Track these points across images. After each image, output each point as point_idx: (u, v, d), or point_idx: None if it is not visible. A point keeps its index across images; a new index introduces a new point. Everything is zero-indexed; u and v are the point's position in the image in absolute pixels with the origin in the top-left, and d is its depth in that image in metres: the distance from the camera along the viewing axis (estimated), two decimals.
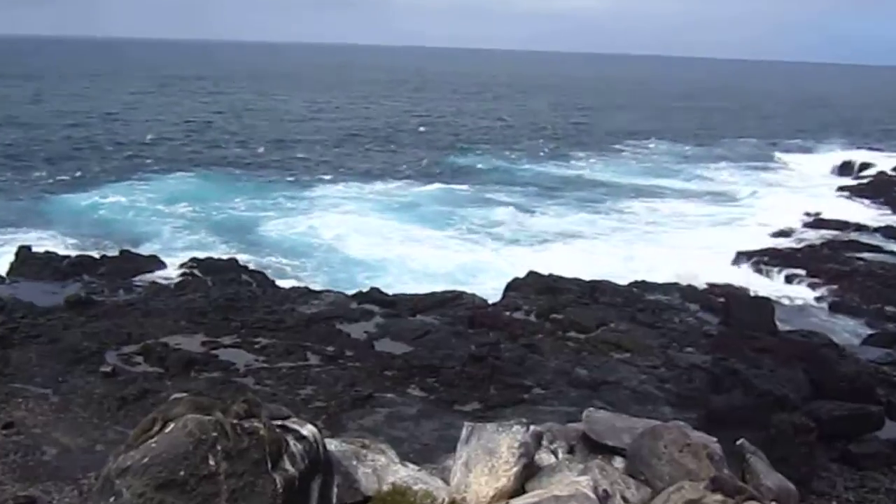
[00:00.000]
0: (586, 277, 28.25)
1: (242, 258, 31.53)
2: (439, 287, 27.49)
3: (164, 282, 27.06)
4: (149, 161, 58.82)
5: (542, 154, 71.86)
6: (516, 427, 7.96)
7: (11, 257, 28.41)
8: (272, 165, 59.94)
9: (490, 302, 25.79)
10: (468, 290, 26.99)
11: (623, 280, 28.99)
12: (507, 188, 53.88)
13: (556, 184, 56.65)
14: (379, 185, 53.11)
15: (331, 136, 77.62)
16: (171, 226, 39.76)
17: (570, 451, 8.58)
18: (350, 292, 26.04)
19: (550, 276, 27.67)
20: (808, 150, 78.76)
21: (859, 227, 42.36)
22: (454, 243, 38.53)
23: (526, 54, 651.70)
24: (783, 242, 39.16)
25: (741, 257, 35.33)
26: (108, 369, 18.29)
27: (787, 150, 78.53)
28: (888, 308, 28.91)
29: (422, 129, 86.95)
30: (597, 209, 47.93)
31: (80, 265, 28.05)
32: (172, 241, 36.70)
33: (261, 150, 67.07)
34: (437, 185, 53.71)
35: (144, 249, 32.81)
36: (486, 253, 36.81)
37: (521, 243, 39.06)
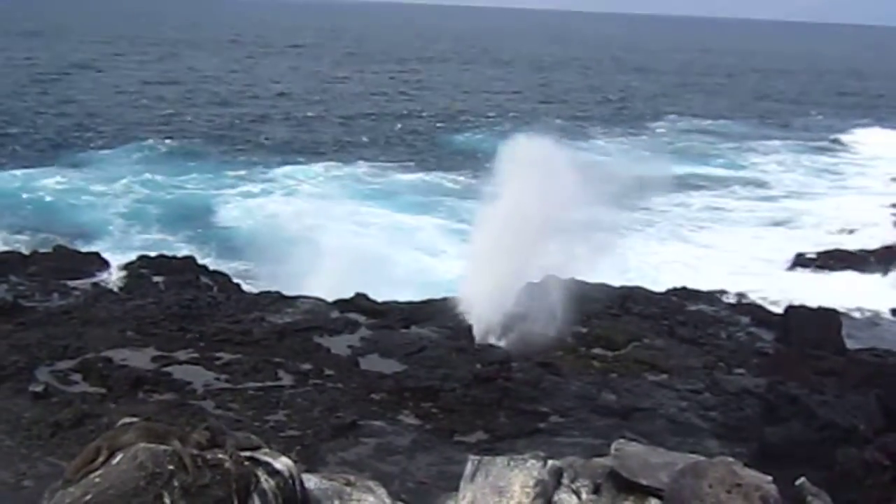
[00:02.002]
0: (614, 284, 28.28)
1: (201, 256, 31.58)
2: (428, 292, 27.47)
3: (107, 284, 27.10)
4: (89, 136, 58.89)
5: (557, 133, 71.72)
6: (531, 462, 8.00)
7: None
8: (232, 143, 60.18)
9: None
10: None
11: (656, 286, 29.01)
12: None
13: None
14: (359, 169, 53.25)
15: (304, 110, 77.59)
16: (115, 216, 39.82)
17: (596, 490, 8.60)
18: (330, 298, 26.04)
19: (572, 279, 27.66)
20: (887, 129, 78.74)
21: None
22: (445, 237, 38.63)
23: (544, 14, 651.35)
24: (852, 242, 39.19)
25: (801, 260, 35.37)
26: (40, 389, 18.30)
27: (861, 128, 78.57)
28: None
29: (412, 103, 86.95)
30: (618, 201, 47.58)
31: (6, 264, 28.03)
32: (117, 236, 36.78)
33: (220, 124, 67.19)
34: (425, 170, 53.96)
35: (84, 245, 32.87)
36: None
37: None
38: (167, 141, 58.24)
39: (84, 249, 31.30)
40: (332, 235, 37.72)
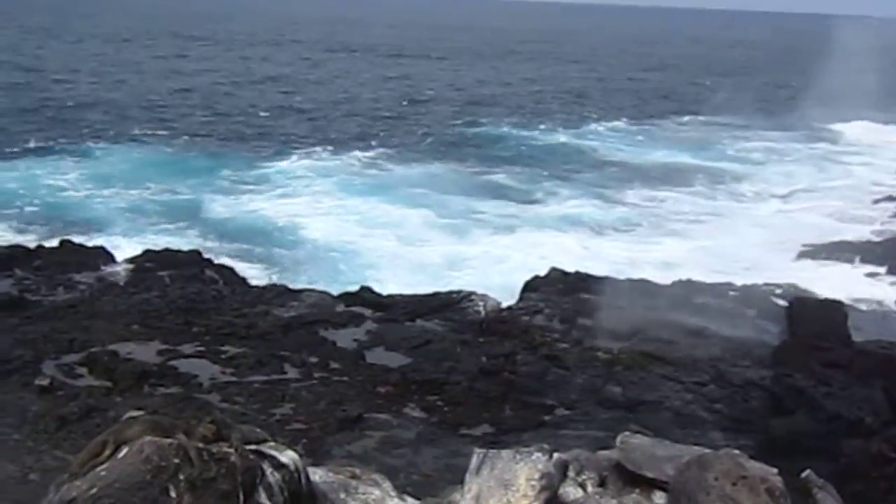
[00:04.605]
0: (619, 276, 28.27)
1: (206, 249, 31.61)
2: (427, 284, 27.54)
3: (112, 278, 27.10)
4: (95, 130, 58.88)
5: (560, 127, 72.19)
6: (537, 455, 7.98)
7: None
8: (235, 137, 60.19)
9: (504, 305, 25.83)
10: (456, 286, 27.05)
11: (661, 279, 28.98)
12: (507, 166, 54.14)
13: (568, 161, 56.76)
14: (361, 161, 53.48)
15: (309, 104, 77.62)
16: (120, 210, 39.87)
17: (602, 483, 8.60)
18: (335, 292, 26.09)
19: (577, 273, 27.72)
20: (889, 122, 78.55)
21: None
22: (443, 229, 38.91)
23: (554, 6, 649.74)
24: (859, 233, 39.13)
25: (806, 252, 35.30)
26: (46, 382, 18.35)
27: (862, 120, 78.30)
28: None
29: (421, 97, 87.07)
30: (613, 193, 47.69)
31: (12, 258, 28.01)
32: (122, 230, 36.79)
33: (222, 119, 67.25)
34: (428, 162, 54.25)
35: (89, 239, 32.84)
36: (478, 244, 37.02)
37: (520, 233, 39.15)
38: (169, 136, 58.32)
39: (89, 243, 31.31)
40: (326, 227, 38.02)
